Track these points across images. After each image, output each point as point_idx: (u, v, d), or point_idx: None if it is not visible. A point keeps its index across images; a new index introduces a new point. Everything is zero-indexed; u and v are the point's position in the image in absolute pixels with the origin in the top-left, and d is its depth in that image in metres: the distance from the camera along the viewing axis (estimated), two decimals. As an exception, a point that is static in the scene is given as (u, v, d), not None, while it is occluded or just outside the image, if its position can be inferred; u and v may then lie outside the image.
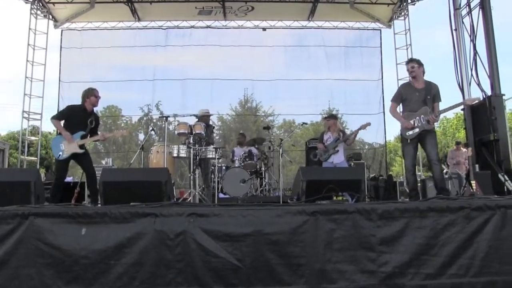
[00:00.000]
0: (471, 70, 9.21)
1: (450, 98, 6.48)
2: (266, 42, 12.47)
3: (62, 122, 6.34)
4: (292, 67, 12.99)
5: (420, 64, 6.11)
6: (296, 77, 12.50)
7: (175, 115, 7.75)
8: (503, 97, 9.11)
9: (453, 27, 9.70)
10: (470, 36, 9.33)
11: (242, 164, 8.73)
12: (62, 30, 12.35)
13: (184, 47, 12.33)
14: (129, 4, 11.95)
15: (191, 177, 7.15)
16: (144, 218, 3.58)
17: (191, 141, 7.38)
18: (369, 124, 7.72)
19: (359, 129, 7.77)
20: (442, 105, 6.09)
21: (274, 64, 12.69)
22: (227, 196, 7.97)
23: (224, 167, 8.76)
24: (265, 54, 12.48)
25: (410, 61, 6.21)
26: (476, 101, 6.15)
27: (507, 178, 7.62)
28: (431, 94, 6.01)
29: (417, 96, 6.02)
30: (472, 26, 9.30)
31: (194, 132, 7.40)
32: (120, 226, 3.56)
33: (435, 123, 6.08)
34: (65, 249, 3.50)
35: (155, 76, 12.34)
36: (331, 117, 8.20)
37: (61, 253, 3.49)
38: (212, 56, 12.25)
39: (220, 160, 8.74)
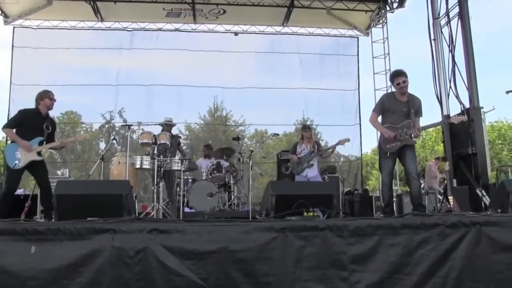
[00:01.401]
0: (450, 81, 9.47)
1: (428, 109, 6.66)
2: (237, 48, 12.54)
3: (15, 129, 6.19)
4: (265, 74, 13.12)
5: (407, 76, 6.18)
6: (269, 85, 12.58)
7: (139, 123, 7.72)
8: (482, 109, 9.40)
9: (432, 37, 9.96)
10: (449, 47, 9.59)
11: (210, 176, 8.71)
12: (14, 27, 12.02)
13: (150, 51, 12.26)
14: (92, 2, 11.82)
15: (155, 190, 7.11)
16: (102, 235, 3.54)
17: (156, 152, 7.34)
18: (348, 140, 7.84)
19: (337, 144, 7.89)
20: (421, 119, 6.27)
21: (246, 71, 12.76)
22: (193, 210, 7.94)
23: (190, 180, 8.72)
24: (237, 60, 12.54)
25: (401, 74, 6.16)
26: (462, 120, 6.30)
27: (484, 194, 7.81)
28: (414, 108, 6.16)
29: (400, 109, 6.13)
30: (451, 36, 9.56)
31: (158, 142, 7.36)
32: (75, 243, 3.50)
33: (416, 139, 6.22)
34: (11, 270, 3.40)
35: (118, 80, 12.19)
36: (309, 128, 8.31)
37: (6, 275, 3.38)
38: (180, 61, 12.23)
39: (186, 172, 8.72)
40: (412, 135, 6.03)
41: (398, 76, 6.16)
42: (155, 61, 12.27)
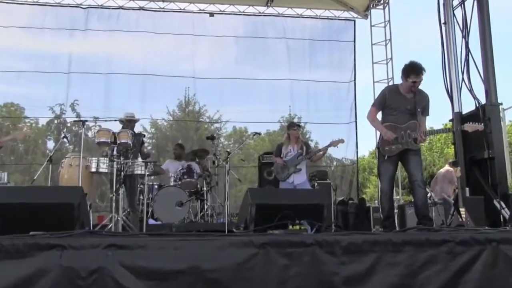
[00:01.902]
0: (462, 73, 9.53)
1: (436, 106, 6.73)
2: (213, 31, 12.53)
3: None
4: (245, 63, 13.14)
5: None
6: (250, 75, 12.64)
7: (95, 119, 7.65)
8: (501, 106, 9.46)
9: (442, 20, 10.00)
10: (462, 32, 9.63)
11: (179, 182, 8.67)
12: None
13: (109, 33, 12.17)
14: (38, -29, 11.68)
15: (113, 198, 7.05)
16: (48, 252, 3.48)
17: (115, 153, 7.28)
18: (342, 141, 7.91)
19: (329, 146, 7.94)
20: (428, 118, 6.33)
21: (223, 59, 12.76)
22: (158, 222, 7.91)
23: (156, 186, 8.68)
24: (212, 46, 12.52)
25: (420, 72, 6.10)
26: (479, 129, 6.35)
27: (503, 205, 7.88)
28: (421, 105, 6.21)
29: (405, 106, 6.19)
30: (464, 19, 9.59)
31: (118, 141, 7.30)
32: (14, 263, 3.43)
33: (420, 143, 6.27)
34: None
35: (70, 67, 12.06)
36: (297, 126, 8.33)
37: None
38: (145, 46, 12.15)
39: (151, 177, 8.66)
40: (417, 139, 6.08)
41: (415, 74, 6.13)
42: (115, 45, 12.20)
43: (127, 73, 12.12)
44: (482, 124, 6.49)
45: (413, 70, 6.16)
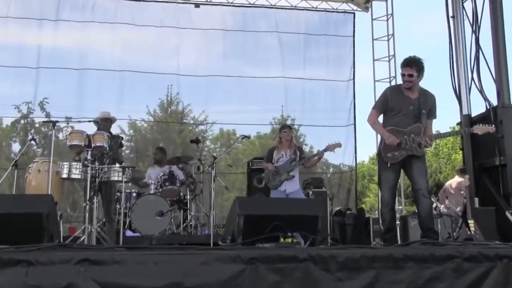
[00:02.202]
0: (472, 71, 9.58)
1: (443, 108, 6.76)
2: (199, 23, 12.51)
3: None
4: (234, 59, 13.14)
5: (420, 69, 6.25)
6: (239, 72, 12.64)
7: (67, 119, 7.61)
8: None
9: (450, 14, 10.05)
10: (472, 27, 9.68)
11: (160, 190, 8.66)
12: None
13: (83, 24, 12.10)
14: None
15: (87, 207, 7.02)
16: (12, 268, 3.46)
17: (89, 157, 7.25)
18: (339, 145, 7.93)
19: (325, 150, 7.96)
20: (434, 121, 6.37)
21: (209, 54, 12.75)
22: (136, 234, 7.90)
23: (134, 194, 8.67)
24: (198, 40, 12.53)
25: (408, 64, 6.22)
26: (490, 131, 6.39)
27: (516, 218, 7.93)
28: (426, 107, 6.25)
29: (409, 108, 6.23)
30: (475, 13, 9.64)
31: (93, 145, 7.28)
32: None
33: (427, 148, 6.31)
34: None
35: (39, 62, 11.98)
36: (290, 129, 8.34)
37: None
38: (124, 39, 12.14)
39: (130, 185, 8.65)
40: (422, 144, 6.11)
41: (405, 66, 6.25)
42: (89, 38, 12.12)
43: (103, 69, 12.04)
44: (493, 126, 6.52)
45: (403, 63, 6.28)
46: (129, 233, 7.95)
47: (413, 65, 6.20)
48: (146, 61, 12.24)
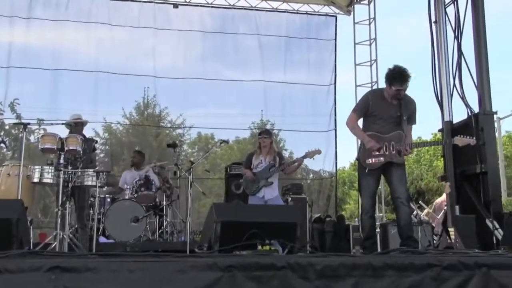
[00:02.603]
0: (454, 78, 9.66)
1: (425, 114, 6.81)
2: (177, 25, 12.50)
3: None
4: (213, 61, 13.14)
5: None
6: (218, 75, 12.63)
7: (39, 121, 7.55)
8: (495, 115, 9.58)
9: (433, 19, 10.13)
10: (454, 32, 9.77)
11: (135, 195, 8.62)
12: None
13: (57, 23, 11.97)
14: None
15: (59, 212, 6.97)
16: (-21, 276, 3.43)
17: (62, 161, 7.20)
18: (318, 152, 7.96)
19: (305, 157, 7.98)
20: (416, 130, 6.43)
21: (188, 56, 12.72)
22: (110, 241, 7.85)
23: (109, 199, 8.62)
24: (176, 41, 12.51)
25: (404, 80, 6.14)
26: (470, 143, 6.44)
27: (496, 225, 8.01)
28: (406, 113, 6.29)
29: (390, 113, 6.27)
30: (457, 18, 9.73)
31: (66, 148, 7.23)
32: None
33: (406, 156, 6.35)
34: None
35: (10, 61, 11.80)
36: (268, 134, 8.34)
37: None
38: (99, 39, 12.09)
39: (104, 189, 8.59)
40: (401, 152, 6.16)
41: (399, 82, 6.17)
42: (63, 37, 12.03)
43: (77, 70, 11.91)
44: (475, 138, 6.56)
45: (396, 78, 6.19)
46: (102, 239, 7.88)
47: (408, 80, 6.19)
48: (122, 62, 12.20)
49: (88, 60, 12.06)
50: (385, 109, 6.28)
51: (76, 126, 8.11)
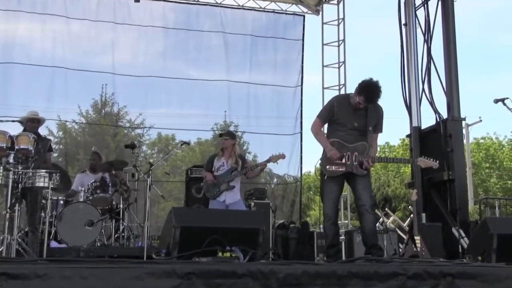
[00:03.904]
0: (423, 82, 9.80)
1: (393, 119, 6.89)
2: (138, 20, 12.43)
3: None
4: (175, 59, 13.10)
5: None
6: (180, 74, 12.60)
7: (-13, 119, 7.40)
8: (464, 121, 9.73)
9: (403, 21, 10.24)
10: (424, 36, 9.90)
11: (91, 197, 8.53)
12: None
13: (8, 13, 11.78)
14: None
15: (7, 215, 6.86)
16: None
17: (12, 160, 7.10)
18: (282, 156, 7.99)
19: (268, 161, 8.00)
20: (384, 135, 6.50)
21: (149, 53, 12.69)
22: (63, 246, 7.75)
23: (62, 202, 8.50)
24: (136, 37, 12.47)
25: (373, 100, 6.19)
26: (433, 166, 6.52)
27: (462, 234, 8.15)
28: (373, 121, 6.34)
29: (355, 121, 6.31)
30: (427, 21, 9.87)
31: (17, 147, 7.13)
32: None
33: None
34: None
35: (-46, 54, 11.65)
36: (230, 136, 8.34)
37: None
38: (55, 32, 11.96)
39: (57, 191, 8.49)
40: (363, 165, 6.21)
41: (367, 100, 6.20)
42: (15, 29, 11.88)
43: (30, 64, 11.75)
44: (438, 162, 6.62)
45: (366, 94, 6.21)
46: (54, 244, 7.77)
47: (376, 101, 6.27)
48: (79, 57, 12.09)
49: (43, 54, 11.93)
50: (350, 117, 6.30)
51: (32, 123, 7.98)
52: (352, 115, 6.30)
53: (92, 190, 8.67)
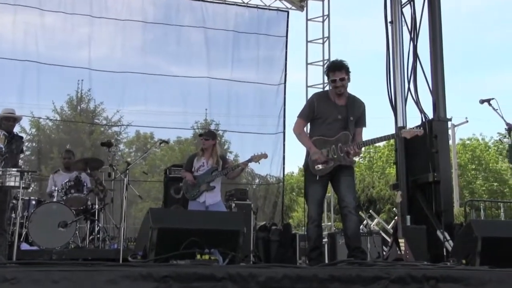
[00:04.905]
0: (409, 81, 9.85)
1: (378, 118, 6.92)
2: (116, 13, 12.36)
3: None
4: (154, 54, 13.06)
5: (349, 72, 6.33)
6: (159, 70, 12.58)
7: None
8: (450, 122, 9.78)
9: (389, 19, 10.28)
10: (410, 34, 9.95)
11: (65, 197, 8.48)
12: None
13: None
14: None
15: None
16: None
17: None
18: (264, 156, 7.99)
19: (249, 161, 8.01)
20: (366, 132, 6.52)
21: (127, 48, 12.62)
22: (34, 248, 7.68)
23: (34, 202, 8.44)
24: (114, 31, 12.39)
25: (339, 68, 6.27)
26: (417, 134, 6.51)
27: (447, 237, 8.20)
28: (354, 115, 6.36)
29: (336, 115, 6.31)
30: (414, 19, 9.92)
31: (-14, 145, 7.07)
32: None
33: (356, 157, 6.43)
34: None
35: None
36: (211, 136, 8.33)
37: None
38: (28, 25, 11.86)
39: (29, 190, 8.42)
40: (350, 152, 6.23)
41: (334, 71, 6.29)
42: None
43: (2, 58, 11.60)
44: (422, 128, 6.64)
45: (331, 68, 6.33)
46: (25, 246, 7.69)
47: (343, 69, 6.26)
48: (54, 51, 12.01)
49: (14, 47, 11.79)
50: (330, 110, 6.32)
51: (7, 122, 7.89)
52: (333, 108, 6.31)
53: (66, 190, 8.61)
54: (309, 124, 6.59)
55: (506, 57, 56.20)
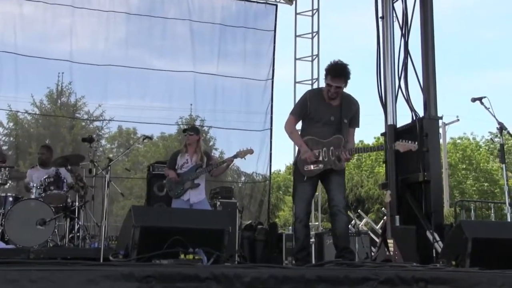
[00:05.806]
0: (399, 79, 9.86)
1: (368, 116, 6.93)
2: (98, 4, 12.27)
3: None
4: (138, 47, 13.03)
5: (348, 79, 6.32)
6: (143, 63, 12.53)
7: None
8: (441, 120, 9.82)
9: (380, 14, 10.29)
10: (401, 30, 9.97)
11: (43, 194, 8.43)
12: None
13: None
14: None
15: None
16: None
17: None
18: (250, 151, 7.99)
19: (235, 157, 8.01)
20: (357, 130, 6.53)
21: (110, 40, 12.52)
22: (11, 246, 7.63)
23: (11, 198, 8.38)
24: (96, 23, 12.31)
25: (338, 75, 6.23)
26: (412, 149, 6.52)
27: (437, 238, 8.24)
28: (348, 116, 6.37)
29: (329, 117, 6.34)
30: (405, 14, 9.94)
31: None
32: None
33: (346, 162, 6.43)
34: None
35: None
36: (195, 131, 8.32)
37: None
38: (5, 14, 11.74)
39: (6, 187, 8.37)
40: (341, 158, 6.24)
41: (334, 76, 6.25)
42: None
43: (-24, 49, 11.58)
44: (417, 143, 6.66)
45: (331, 71, 6.28)
46: (1, 244, 7.64)
47: (343, 77, 6.25)
48: (33, 42, 11.92)
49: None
50: (324, 111, 6.33)
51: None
52: (327, 109, 6.32)
53: (45, 186, 8.55)
54: (300, 122, 6.58)
55: (499, 56, 56.67)
